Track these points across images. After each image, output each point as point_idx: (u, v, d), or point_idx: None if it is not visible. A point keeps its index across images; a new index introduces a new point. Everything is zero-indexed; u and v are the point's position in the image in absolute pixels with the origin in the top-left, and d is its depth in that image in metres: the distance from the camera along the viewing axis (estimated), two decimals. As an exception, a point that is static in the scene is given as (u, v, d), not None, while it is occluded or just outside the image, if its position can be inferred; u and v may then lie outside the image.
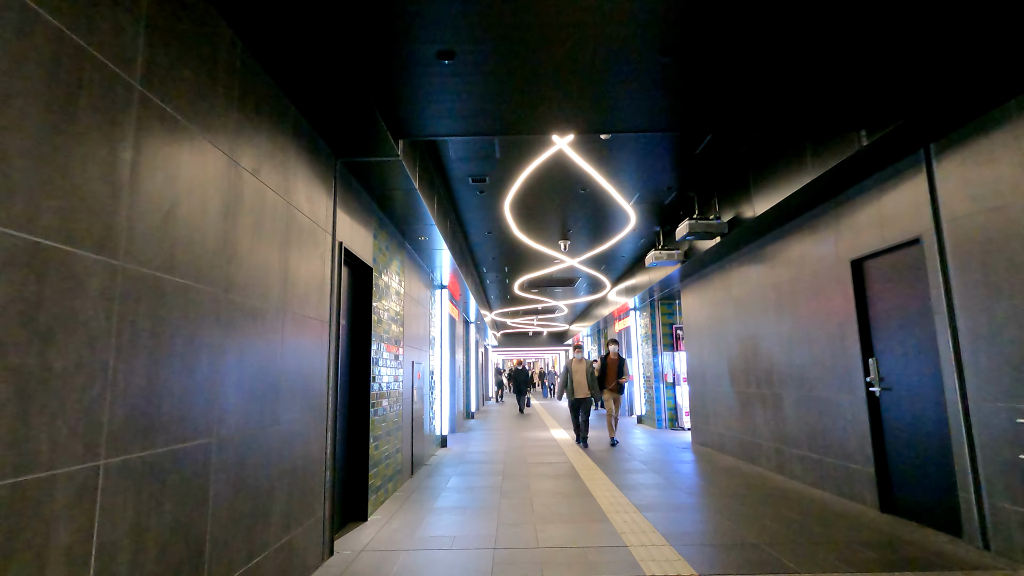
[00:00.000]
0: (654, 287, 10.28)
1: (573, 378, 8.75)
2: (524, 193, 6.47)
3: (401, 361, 5.90)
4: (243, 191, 2.51)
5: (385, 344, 5.16)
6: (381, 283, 5.09)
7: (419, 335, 7.09)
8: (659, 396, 11.46)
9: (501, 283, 12.56)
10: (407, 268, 6.35)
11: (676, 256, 7.73)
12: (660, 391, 11.47)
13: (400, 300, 5.95)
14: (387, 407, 5.21)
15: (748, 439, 6.86)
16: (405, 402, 6.13)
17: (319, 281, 3.45)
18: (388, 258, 5.39)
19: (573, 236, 8.47)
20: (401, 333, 5.94)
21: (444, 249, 6.67)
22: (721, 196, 6.30)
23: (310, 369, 3.27)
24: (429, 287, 8.07)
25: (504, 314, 19.09)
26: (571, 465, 6.94)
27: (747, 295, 6.84)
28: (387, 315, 5.31)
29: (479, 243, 8.94)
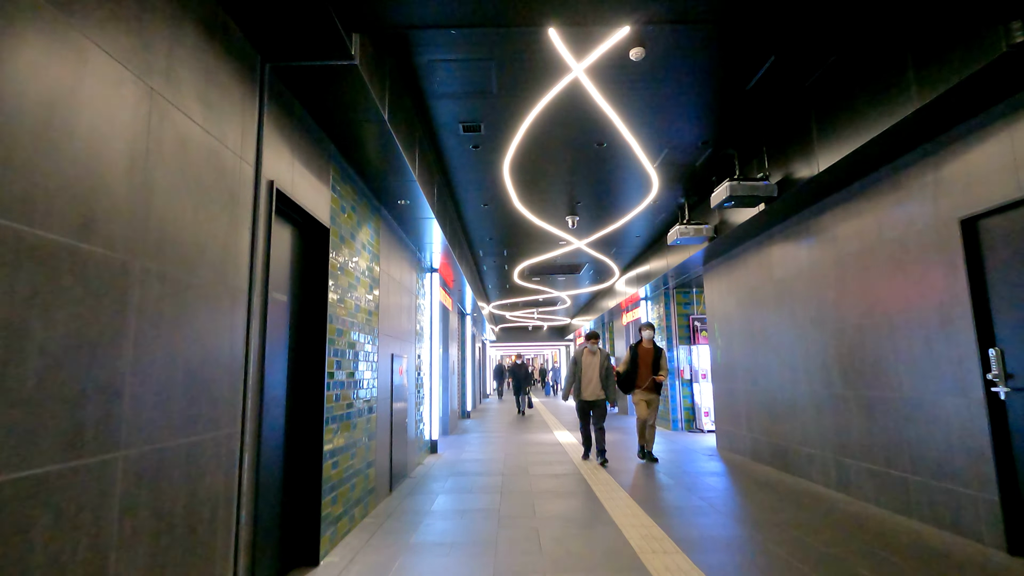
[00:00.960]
0: (669, 273, 9.15)
1: (582, 374, 6.89)
2: (528, 149, 5.32)
3: (375, 354, 4.76)
4: (81, 74, 1.36)
5: (351, 332, 4.02)
6: (344, 253, 3.95)
7: (402, 324, 5.95)
8: (674, 394, 10.34)
9: (499, 269, 11.42)
10: (385, 241, 5.21)
11: (704, 232, 6.58)
12: (676, 389, 10.35)
13: (375, 279, 4.81)
14: (353, 412, 4.07)
15: (794, 447, 5.73)
16: (382, 404, 4.99)
17: (225, 229, 2.30)
18: (355, 222, 4.24)
19: (583, 211, 7.32)
20: (375, 320, 4.80)
21: (432, 219, 5.52)
22: (771, 151, 5.15)
23: (203, 362, 2.12)
24: (416, 269, 6.92)
25: (503, 306, 17.96)
26: (581, 477, 5.82)
27: (794, 276, 5.71)
28: (354, 295, 4.17)
29: (474, 219, 7.79)
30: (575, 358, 7.02)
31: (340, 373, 3.78)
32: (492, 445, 8.52)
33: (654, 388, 6.90)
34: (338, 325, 3.76)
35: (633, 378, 6.95)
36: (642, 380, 6.91)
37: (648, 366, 6.92)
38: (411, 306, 6.55)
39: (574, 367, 6.99)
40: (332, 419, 3.61)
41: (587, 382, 6.85)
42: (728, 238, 6.58)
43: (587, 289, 14.40)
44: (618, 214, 7.53)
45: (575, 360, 7.01)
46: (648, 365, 6.92)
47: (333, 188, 3.71)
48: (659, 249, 9.01)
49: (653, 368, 6.90)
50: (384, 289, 5.17)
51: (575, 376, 6.96)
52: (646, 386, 6.89)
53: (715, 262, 7.88)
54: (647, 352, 6.97)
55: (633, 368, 6.95)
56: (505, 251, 9.70)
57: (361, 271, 4.38)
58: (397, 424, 5.59)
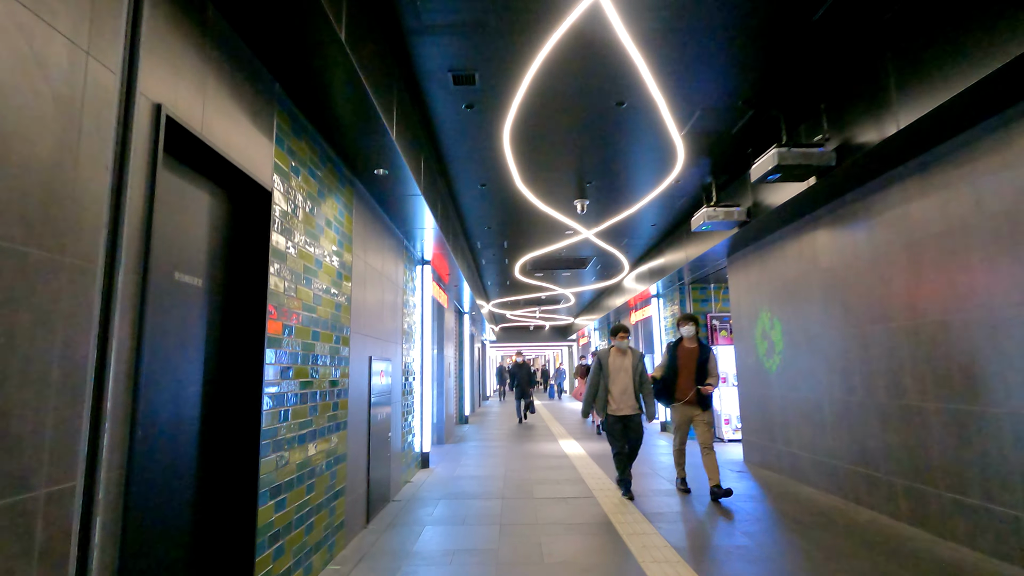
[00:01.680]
0: (686, 267, 8.26)
1: (610, 380, 5.20)
2: (533, 111, 4.44)
3: (345, 358, 3.87)
4: None
5: (308, 330, 3.13)
6: (298, 228, 3.06)
7: (384, 322, 5.06)
8: (691, 400, 9.43)
9: (499, 263, 10.54)
10: (362, 223, 4.32)
11: (736, 215, 5.69)
12: (692, 394, 9.44)
13: (345, 266, 3.92)
14: (311, 432, 3.18)
15: (847, 466, 4.84)
16: (356, 417, 4.11)
17: (49, 164, 1.41)
18: (315, 192, 3.36)
19: (594, 193, 6.43)
20: (346, 316, 3.91)
21: (419, 197, 4.64)
22: (830, 110, 4.25)
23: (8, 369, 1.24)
24: (404, 260, 6.04)
25: (503, 304, 17.08)
26: (595, 502, 4.93)
27: (848, 264, 4.82)
28: (314, 285, 3.28)
29: (470, 202, 6.90)
30: (598, 360, 5.32)
31: (289, 383, 2.90)
32: (491, 457, 7.63)
33: (700, 401, 5.19)
34: (288, 321, 2.88)
35: (672, 388, 5.31)
36: (683, 391, 5.24)
37: (691, 372, 5.23)
38: (397, 302, 5.67)
39: (597, 372, 5.29)
40: (276, 444, 2.73)
41: (618, 391, 5.18)
42: (762, 222, 5.69)
43: (592, 286, 13.52)
44: (634, 197, 6.63)
45: (598, 362, 5.32)
46: (691, 370, 5.23)
47: (279, 141, 2.82)
48: (677, 239, 8.12)
49: (698, 375, 5.20)
50: (360, 280, 4.29)
51: (600, 384, 5.28)
52: (690, 398, 5.20)
53: (743, 252, 6.98)
54: (690, 353, 5.29)
55: (672, 374, 5.31)
56: (505, 242, 8.81)
57: (325, 255, 3.49)
58: (377, 439, 4.71)
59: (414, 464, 6.48)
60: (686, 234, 7.73)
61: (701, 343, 5.37)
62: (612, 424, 5.18)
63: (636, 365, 5.25)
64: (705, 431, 5.20)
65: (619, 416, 5.17)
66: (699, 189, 6.36)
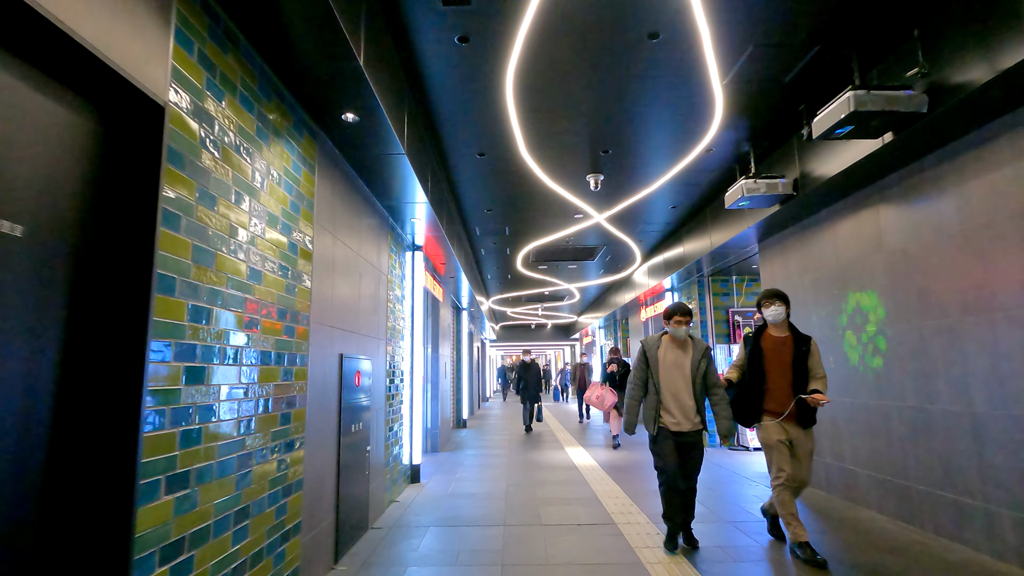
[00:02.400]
0: (706, 257, 7.40)
1: (660, 383, 3.71)
2: (543, 48, 3.56)
3: (300, 356, 3.00)
4: None
5: (230, 311, 2.26)
6: (216, 168, 2.18)
7: (362, 313, 4.19)
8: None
9: (500, 253, 9.65)
10: (329, 185, 3.44)
11: (780, 188, 4.82)
12: (713, 397, 8.57)
13: (304, 239, 3.04)
14: (238, 455, 2.30)
15: (928, 490, 3.96)
16: (317, 430, 3.23)
17: None
18: (251, 128, 2.48)
19: (611, 165, 5.55)
20: (302, 303, 3.03)
21: (402, 157, 3.77)
22: (925, 40, 3.36)
23: None
24: (389, 241, 5.17)
25: (504, 301, 16.20)
26: (616, 530, 4.05)
27: (930, 242, 3.94)
28: (247, 251, 2.41)
29: (467, 177, 6.02)
30: (643, 352, 3.81)
31: (198, 391, 2.02)
32: (491, 469, 6.75)
33: (801, 416, 3.63)
34: (196, 300, 2.00)
35: (758, 395, 3.73)
36: (777, 400, 3.66)
37: (785, 372, 3.66)
38: (380, 292, 4.79)
39: (643, 369, 3.79)
40: (172, 481, 1.85)
41: (671, 397, 3.65)
42: (810, 197, 4.81)
43: (599, 280, 12.65)
44: (655, 171, 5.76)
45: (642, 355, 3.80)
46: (785, 370, 3.67)
47: (184, 41, 1.94)
48: (700, 224, 7.24)
49: (796, 376, 3.63)
50: (326, 259, 3.41)
51: (644, 387, 3.80)
52: (788, 411, 3.62)
53: (779, 236, 6.10)
54: (781, 346, 3.73)
55: (757, 376, 3.75)
56: (507, 228, 7.93)
57: (267, 217, 2.62)
58: (350, 456, 3.83)
59: (402, 479, 5.61)
60: (711, 217, 6.85)
61: (796, 330, 3.81)
62: (662, 439, 3.66)
63: (699, 362, 3.66)
64: (803, 469, 3.62)
65: (677, 433, 3.64)
66: (732, 161, 5.47)
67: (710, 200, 6.73)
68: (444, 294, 9.31)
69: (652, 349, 3.81)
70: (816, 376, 3.67)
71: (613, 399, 8.51)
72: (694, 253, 7.57)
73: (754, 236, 6.35)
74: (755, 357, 3.81)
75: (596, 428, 11.42)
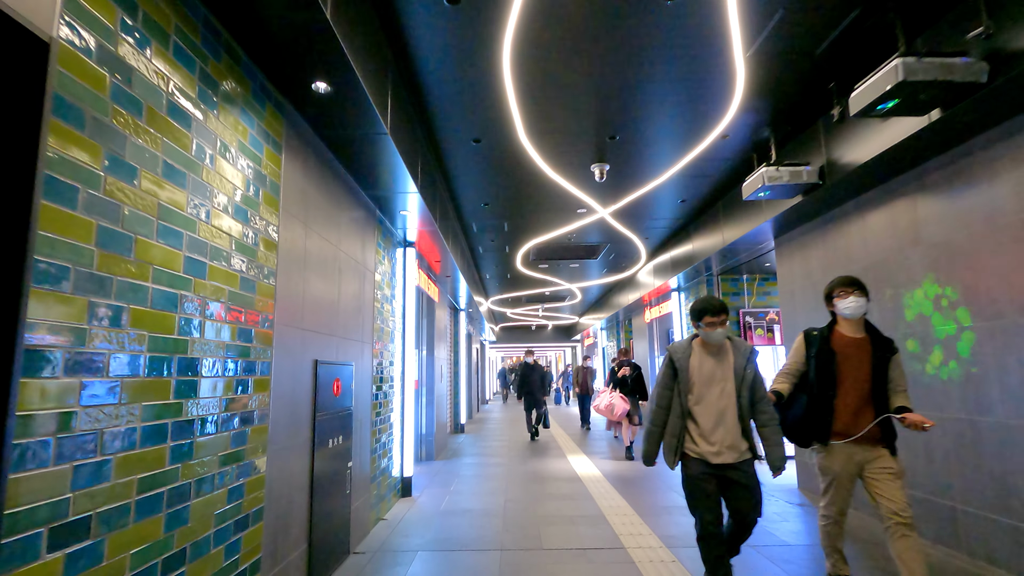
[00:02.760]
0: (716, 256, 6.98)
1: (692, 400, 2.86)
2: (545, 14, 3.13)
3: (257, 361, 2.56)
4: None
5: (158, 315, 1.83)
6: (137, 129, 1.75)
7: (343, 314, 3.76)
8: (721, 409, 8.12)
9: (499, 251, 9.22)
10: (301, 169, 3.01)
11: (804, 176, 4.39)
12: (723, 402, 8.14)
13: (267, 225, 2.61)
14: (171, 488, 1.86)
15: (978, 513, 3.51)
16: (283, 449, 2.80)
17: None
18: (191, 88, 2.05)
19: (616, 156, 5.12)
20: (264, 302, 2.60)
21: (386, 137, 3.34)
22: None
23: None
24: (376, 236, 4.74)
25: (503, 301, 15.78)
26: (626, 555, 3.61)
27: (979, 234, 3.50)
28: (182, 237, 1.98)
29: (463, 168, 5.59)
30: (670, 361, 2.95)
31: (98, 415, 1.59)
32: (488, 480, 6.32)
33: (885, 437, 2.85)
34: (103, 297, 1.57)
35: (825, 410, 2.93)
36: (849, 418, 2.89)
37: (862, 382, 2.88)
38: (365, 290, 4.36)
39: (669, 384, 2.93)
40: (55, 536, 1.42)
41: (710, 420, 2.80)
42: (836, 187, 4.38)
43: (602, 280, 12.22)
44: (666, 160, 5.33)
45: (669, 365, 2.94)
46: (862, 380, 2.88)
47: (84, -38, 1.51)
48: (712, 218, 6.81)
49: (875, 388, 2.86)
50: (296, 253, 2.98)
51: (669, 401, 2.92)
52: (865, 432, 2.84)
53: (799, 230, 5.67)
54: (857, 348, 2.94)
55: (827, 385, 2.93)
56: (506, 224, 7.50)
57: (217, 198, 2.19)
58: (328, 475, 3.40)
59: (391, 494, 5.17)
60: (723, 212, 6.42)
61: (875, 330, 2.98)
62: (697, 478, 2.80)
63: (744, 372, 2.80)
64: (895, 492, 2.72)
65: (716, 465, 2.77)
66: (749, 149, 5.04)
67: (723, 192, 6.30)
68: (440, 294, 8.88)
69: (682, 358, 2.87)
70: (898, 389, 2.86)
71: (625, 407, 7.66)
72: (704, 251, 7.14)
73: (770, 231, 5.92)
74: (825, 362, 2.94)
75: (599, 435, 11.00)
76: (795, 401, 3.07)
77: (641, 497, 5.40)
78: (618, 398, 7.73)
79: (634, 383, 7.87)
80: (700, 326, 2.87)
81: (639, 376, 7.94)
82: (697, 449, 2.83)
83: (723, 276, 8.40)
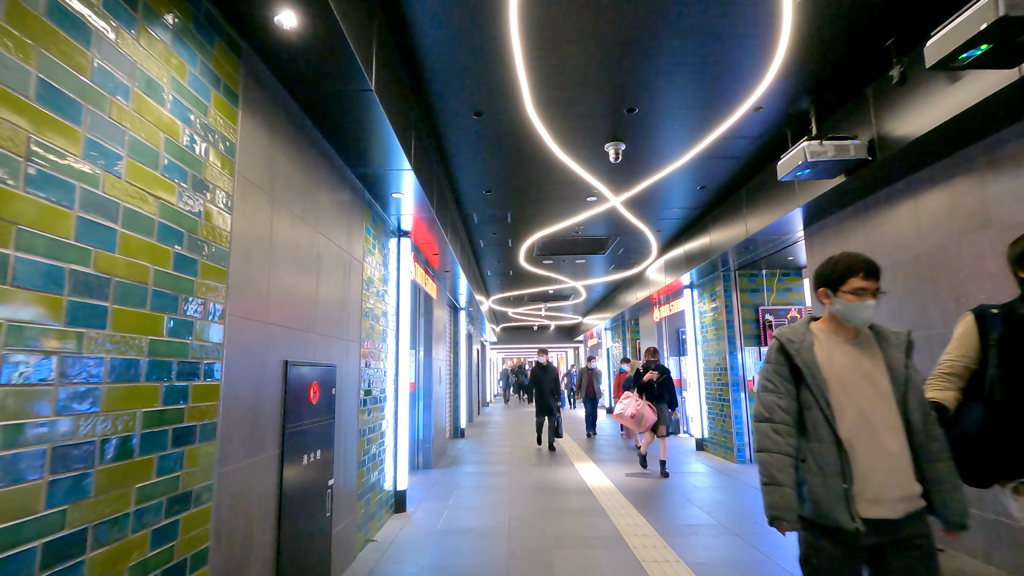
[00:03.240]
0: (733, 251, 6.48)
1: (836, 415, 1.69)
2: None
3: (198, 362, 2.03)
4: None
5: (32, 291, 1.30)
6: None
7: (320, 307, 3.23)
8: (740, 413, 7.60)
9: (501, 246, 8.69)
10: (264, 127, 2.48)
11: (851, 151, 3.85)
12: (742, 405, 7.62)
13: (210, 187, 2.08)
14: (46, 547, 1.32)
15: (1066, 541, 2.97)
16: (251, 468, 2.26)
17: None
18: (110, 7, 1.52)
19: (634, 132, 4.59)
20: (212, 279, 2.07)
21: (370, 95, 2.81)
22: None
23: None
24: (364, 220, 4.21)
25: (505, 300, 15.25)
26: (656, 593, 3.09)
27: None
28: (73, 190, 1.45)
29: (462, 146, 5.07)
30: (781, 353, 1.82)
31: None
32: (490, 492, 5.78)
33: None
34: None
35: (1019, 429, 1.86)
36: None
37: None
38: (352, 284, 3.83)
39: (788, 390, 1.79)
40: None
41: (864, 443, 1.66)
42: (889, 162, 3.85)
43: (609, 278, 11.69)
44: (688, 137, 4.80)
45: (782, 364, 1.82)
46: None
47: None
48: (734, 206, 6.28)
49: None
50: (260, 232, 2.45)
51: (797, 419, 1.78)
52: None
53: (835, 217, 5.13)
54: None
55: (1017, 392, 1.88)
56: (509, 215, 6.98)
57: (131, 148, 1.66)
58: (301, 497, 2.86)
59: (383, 511, 4.64)
60: (747, 199, 5.89)
61: None
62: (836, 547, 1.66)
63: (907, 371, 1.74)
64: None
65: (874, 523, 1.64)
66: (782, 123, 4.50)
67: (747, 177, 5.76)
68: (438, 291, 8.35)
69: (804, 349, 1.79)
70: None
71: (653, 418, 6.69)
72: (723, 243, 6.61)
73: (800, 220, 5.39)
74: (1014, 357, 1.91)
75: (606, 440, 10.46)
76: (964, 415, 1.99)
77: (661, 514, 4.86)
78: (646, 407, 6.76)
79: (661, 388, 6.90)
80: (840, 294, 1.76)
81: (668, 380, 6.98)
82: (827, 504, 1.65)
83: (740, 272, 7.87)
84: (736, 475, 6.59)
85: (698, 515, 4.78)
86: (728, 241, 6.47)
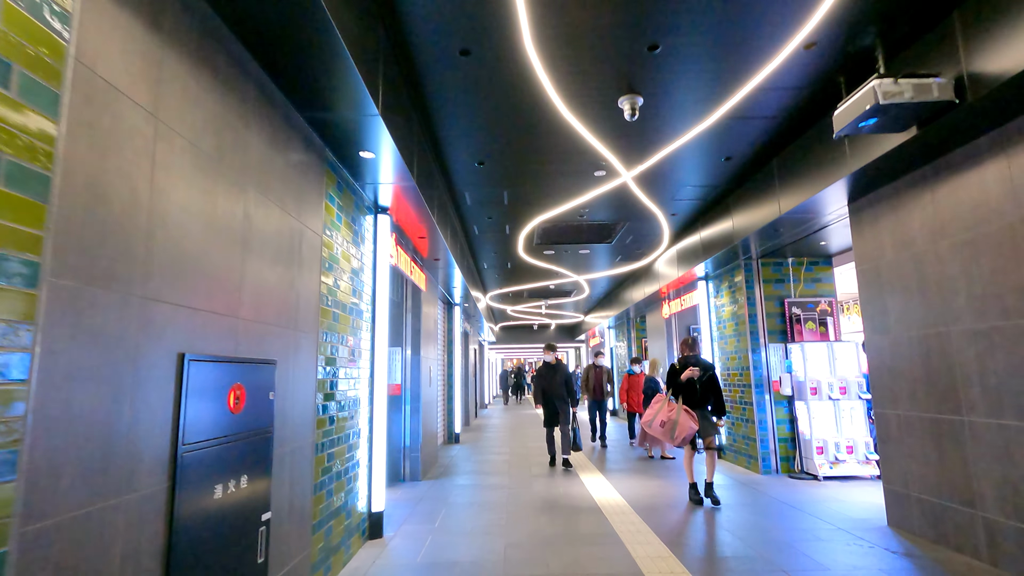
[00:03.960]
0: (755, 236, 5.74)
1: None
2: None
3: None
4: None
5: None
6: None
7: (249, 283, 2.43)
8: (765, 418, 6.80)
9: (498, 231, 7.87)
10: (143, 10, 1.70)
11: (936, 91, 3.05)
12: (767, 409, 6.82)
13: (4, 54, 1.29)
14: None
15: None
16: (104, 514, 1.46)
17: None
18: None
19: (657, 78, 3.79)
20: (22, 215, 1.26)
21: (317, 5, 2.01)
22: None
23: None
24: (323, 184, 3.42)
25: (503, 297, 14.44)
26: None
27: None
28: None
29: (447, 99, 4.27)
30: None
31: None
32: (484, 511, 4.97)
33: None
34: None
35: None
36: None
37: None
38: (306, 261, 3.04)
39: None
40: None
41: None
42: (982, 107, 3.05)
43: (613, 271, 10.88)
44: (721, 86, 4.00)
45: None
46: None
47: None
48: (763, 182, 5.48)
49: None
50: (119, 146, 1.65)
51: None
52: None
53: (890, 188, 4.33)
54: None
55: None
56: (506, 194, 6.17)
57: None
58: (213, 542, 2.06)
59: (352, 539, 3.83)
60: (779, 171, 5.10)
61: None
62: None
63: None
64: None
65: None
66: (837, 67, 3.69)
67: (782, 144, 4.96)
68: (428, 283, 7.55)
69: None
70: None
71: (692, 428, 5.12)
72: (748, 226, 5.82)
73: (843, 194, 4.61)
74: None
75: (613, 445, 9.66)
76: None
77: (686, 540, 4.06)
78: (682, 414, 5.16)
79: (705, 389, 5.29)
80: None
81: (713, 379, 5.32)
82: None
83: (763, 260, 7.08)
84: (764, 488, 5.79)
85: (731, 543, 3.98)
86: (755, 223, 5.67)
